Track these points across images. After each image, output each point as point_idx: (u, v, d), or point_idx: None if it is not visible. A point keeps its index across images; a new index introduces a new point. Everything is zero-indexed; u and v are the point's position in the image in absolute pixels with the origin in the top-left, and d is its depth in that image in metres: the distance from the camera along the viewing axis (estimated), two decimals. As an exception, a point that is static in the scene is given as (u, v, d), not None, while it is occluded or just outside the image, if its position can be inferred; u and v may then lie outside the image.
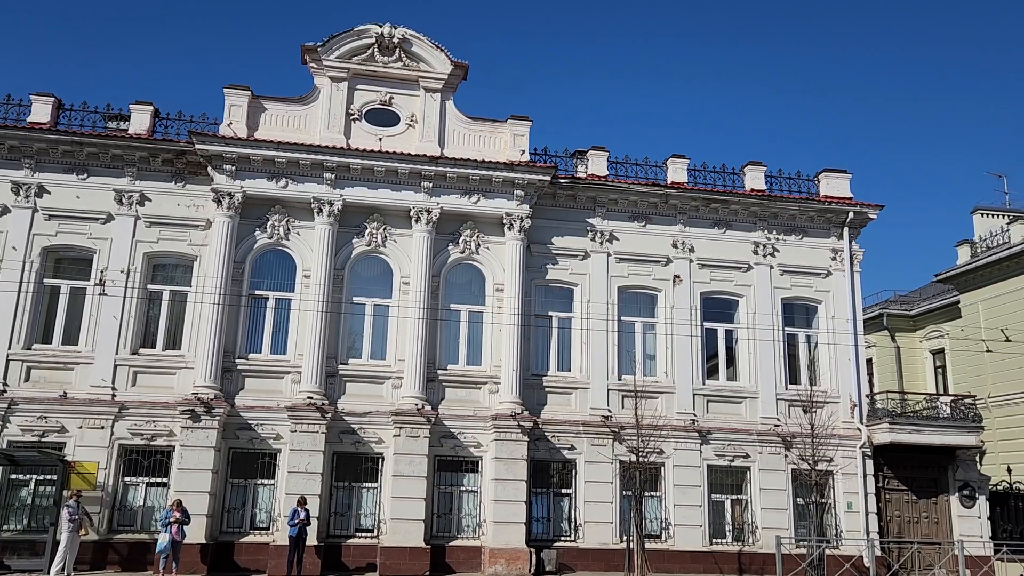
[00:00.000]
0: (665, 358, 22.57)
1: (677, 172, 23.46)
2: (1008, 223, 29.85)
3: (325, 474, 19.76)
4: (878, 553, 20.50)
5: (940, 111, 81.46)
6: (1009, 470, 24.09)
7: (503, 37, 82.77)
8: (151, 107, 21.46)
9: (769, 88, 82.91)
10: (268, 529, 19.66)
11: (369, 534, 20.05)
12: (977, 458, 23.51)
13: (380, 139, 21.90)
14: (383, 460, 20.33)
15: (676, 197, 23.09)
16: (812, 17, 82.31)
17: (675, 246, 23.12)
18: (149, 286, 20.82)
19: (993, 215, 31.81)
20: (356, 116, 22.06)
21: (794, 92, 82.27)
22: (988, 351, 28.00)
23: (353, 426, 20.33)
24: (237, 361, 20.42)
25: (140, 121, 21.34)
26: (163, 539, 17.34)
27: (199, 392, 19.45)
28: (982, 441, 23.26)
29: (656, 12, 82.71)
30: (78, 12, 69.65)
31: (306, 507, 18.39)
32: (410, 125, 22.23)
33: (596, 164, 23.14)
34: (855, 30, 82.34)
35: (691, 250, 23.19)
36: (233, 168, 20.79)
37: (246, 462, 20.06)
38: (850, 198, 23.95)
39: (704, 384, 22.56)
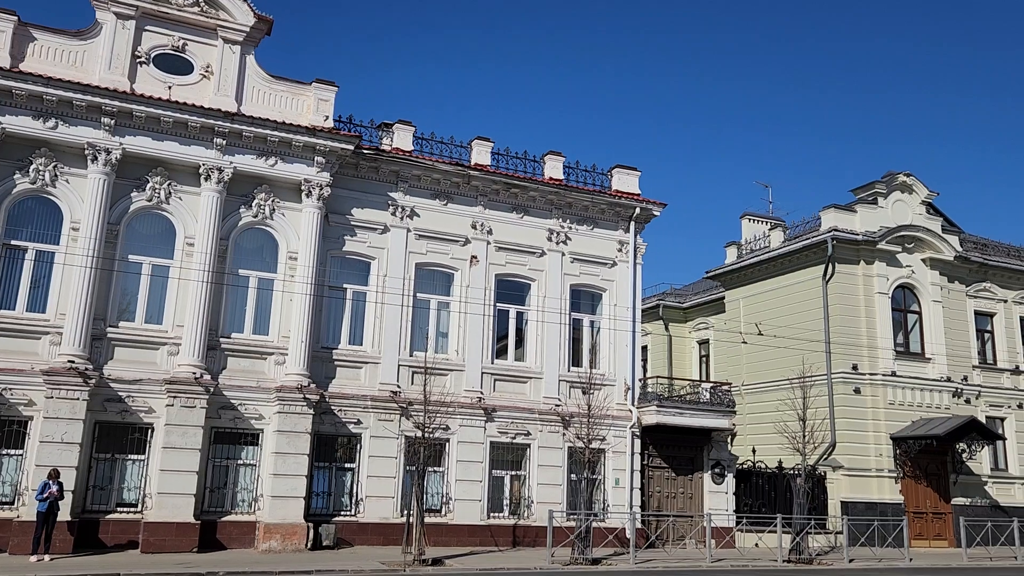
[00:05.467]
0: (457, 336, 22.93)
1: (481, 154, 23.78)
2: (769, 229, 33.09)
3: (85, 444, 18.19)
4: (639, 525, 22.15)
5: (723, 121, 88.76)
6: (754, 451, 26.83)
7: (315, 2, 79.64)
8: None
9: (576, 81, 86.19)
10: (12, 504, 17.79)
11: (132, 509, 18.75)
12: (729, 439, 26.00)
13: (170, 87, 20.31)
14: (153, 431, 19.05)
15: (478, 179, 23.42)
16: (627, 14, 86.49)
17: (474, 227, 23.48)
18: None
19: (758, 220, 35.07)
20: (143, 59, 20.30)
21: (598, 88, 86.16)
22: (744, 343, 31.02)
23: (120, 394, 18.85)
24: (-16, 318, 18.23)
25: None
26: None
27: (-67, 350, 17.17)
28: (734, 424, 25.75)
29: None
30: None
31: (59, 480, 16.86)
32: (205, 76, 20.80)
33: (402, 138, 22.92)
34: (657, 33, 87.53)
35: (489, 232, 23.65)
36: (-9, 101, 18.43)
37: (-11, 430, 18.00)
38: (638, 194, 25.45)
39: (493, 363, 23.18)
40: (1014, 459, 30.72)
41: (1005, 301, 32.11)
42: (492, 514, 22.23)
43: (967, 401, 29.88)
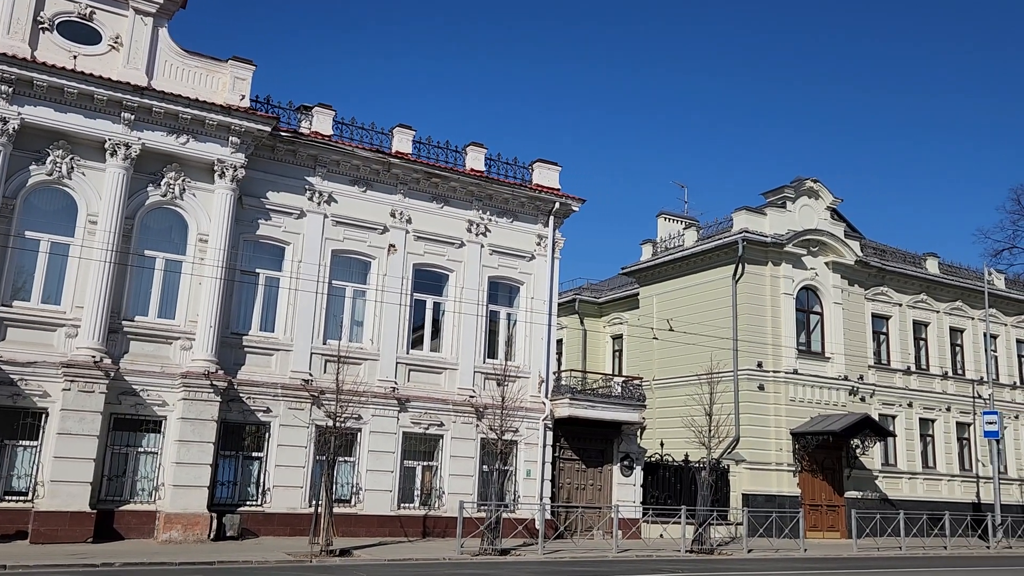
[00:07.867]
0: (373, 325, 22.69)
1: (402, 142, 23.54)
2: (684, 228, 33.89)
3: (-29, 430, 17.25)
4: (548, 516, 22.43)
5: (643, 119, 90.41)
6: (662, 444, 27.49)
7: (235, -30, 77.27)
8: None
9: (500, 73, 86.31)
10: None
11: (22, 498, 17.87)
12: (639, 432, 26.59)
13: (75, 57, 19.35)
14: (47, 416, 18.19)
15: (399, 167, 23.18)
16: (558, 8, 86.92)
17: (393, 215, 23.24)
18: None
19: (674, 220, 35.89)
20: (46, 26, 19.26)
21: (521, 82, 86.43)
22: (655, 339, 31.76)
23: (13, 377, 17.91)
24: None
25: None
26: None
27: None
28: (644, 418, 26.34)
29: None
30: None
31: (-58, 467, 15.93)
32: (114, 47, 19.89)
33: (321, 122, 22.47)
34: (580, 35, 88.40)
35: (408, 221, 23.46)
36: None
37: None
38: (558, 189, 25.68)
39: (408, 353, 23.03)
40: (903, 455, 32.47)
41: (900, 305, 33.83)
42: (403, 505, 22.13)
43: (862, 399, 31.38)
